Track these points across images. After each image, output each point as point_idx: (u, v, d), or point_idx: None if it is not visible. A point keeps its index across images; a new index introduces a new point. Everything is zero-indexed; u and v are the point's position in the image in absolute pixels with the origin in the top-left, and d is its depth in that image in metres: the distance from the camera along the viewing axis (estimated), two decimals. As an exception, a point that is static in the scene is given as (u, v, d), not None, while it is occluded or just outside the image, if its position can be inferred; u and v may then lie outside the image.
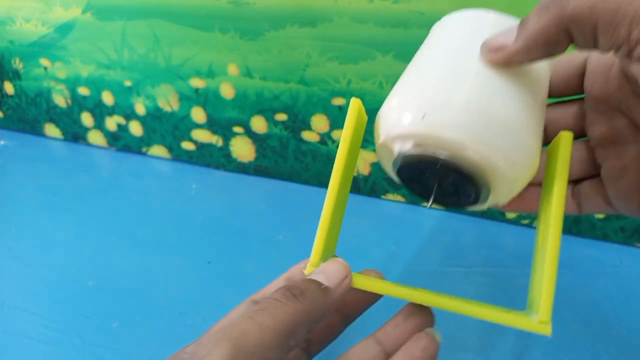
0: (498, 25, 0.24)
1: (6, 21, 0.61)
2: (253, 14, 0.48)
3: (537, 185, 0.27)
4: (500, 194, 0.24)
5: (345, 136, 0.25)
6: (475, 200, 0.24)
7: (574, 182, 0.28)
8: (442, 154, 0.23)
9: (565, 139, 0.24)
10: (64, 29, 0.58)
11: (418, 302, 0.24)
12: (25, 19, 0.60)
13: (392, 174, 0.27)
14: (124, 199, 0.53)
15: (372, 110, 0.28)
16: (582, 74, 0.26)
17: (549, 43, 0.21)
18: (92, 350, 0.34)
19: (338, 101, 0.48)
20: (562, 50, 0.21)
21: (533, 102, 0.23)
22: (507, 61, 0.22)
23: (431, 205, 0.25)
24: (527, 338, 0.34)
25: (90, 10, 0.55)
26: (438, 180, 0.24)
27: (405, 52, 0.44)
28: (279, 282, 0.28)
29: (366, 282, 0.24)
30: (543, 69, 0.25)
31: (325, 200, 0.24)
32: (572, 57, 0.27)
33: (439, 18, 0.27)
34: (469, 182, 0.23)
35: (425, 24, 0.42)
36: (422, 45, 0.26)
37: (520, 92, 0.23)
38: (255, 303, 0.25)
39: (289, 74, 0.49)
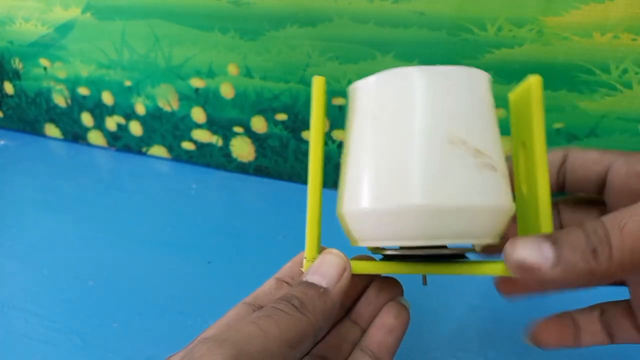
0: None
1: (6, 21, 0.61)
2: (253, 14, 0.48)
3: None
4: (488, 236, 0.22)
5: (315, 117, 0.24)
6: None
7: (599, 308, 0.25)
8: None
9: (535, 83, 0.22)
10: (64, 29, 0.58)
11: (421, 272, 0.23)
12: (25, 19, 0.60)
13: None
14: (124, 199, 0.53)
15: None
16: (601, 184, 0.24)
17: (596, 282, 0.18)
18: (92, 350, 0.34)
19: (338, 101, 0.48)
20: None
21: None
22: (539, 284, 0.20)
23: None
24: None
25: (90, 10, 0.55)
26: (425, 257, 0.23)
27: (405, 52, 0.44)
28: (270, 282, 0.27)
29: (364, 266, 0.24)
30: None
31: (310, 191, 0.24)
32: (589, 163, 0.24)
33: (439, 18, 0.26)
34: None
35: (425, 24, 0.42)
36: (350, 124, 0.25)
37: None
38: (251, 307, 0.25)
39: (289, 74, 0.49)
